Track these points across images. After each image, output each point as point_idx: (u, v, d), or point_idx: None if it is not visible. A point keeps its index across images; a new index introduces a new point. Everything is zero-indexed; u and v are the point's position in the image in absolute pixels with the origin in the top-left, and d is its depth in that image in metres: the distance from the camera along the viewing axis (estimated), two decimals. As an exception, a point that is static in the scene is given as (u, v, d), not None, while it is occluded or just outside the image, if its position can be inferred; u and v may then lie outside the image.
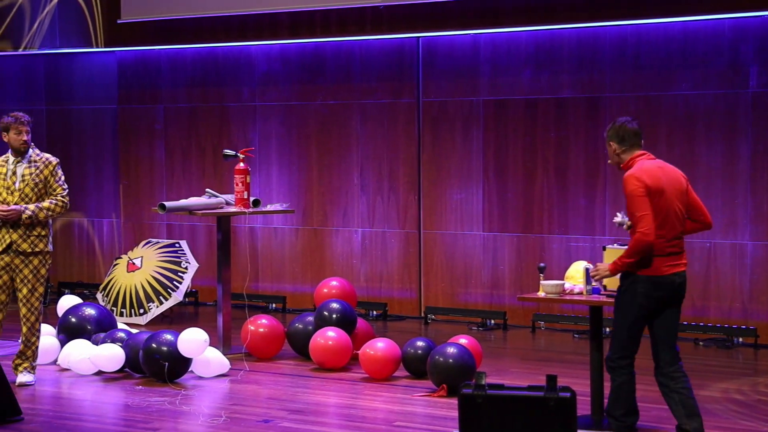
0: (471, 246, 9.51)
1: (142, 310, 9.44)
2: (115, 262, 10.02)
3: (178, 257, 9.75)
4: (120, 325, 8.04)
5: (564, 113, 9.14)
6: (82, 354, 7.35)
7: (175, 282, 9.54)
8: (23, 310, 7.05)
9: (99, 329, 7.79)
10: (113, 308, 9.52)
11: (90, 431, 6.10)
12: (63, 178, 7.15)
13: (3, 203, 7.00)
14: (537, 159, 9.25)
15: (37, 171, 7.05)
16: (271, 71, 10.29)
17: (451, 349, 6.91)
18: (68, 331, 7.80)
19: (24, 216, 6.93)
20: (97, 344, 7.49)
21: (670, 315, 5.48)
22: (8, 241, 6.97)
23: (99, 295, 9.85)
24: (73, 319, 7.86)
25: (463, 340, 7.22)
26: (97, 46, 10.50)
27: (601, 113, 8.97)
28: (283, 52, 10.22)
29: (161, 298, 9.46)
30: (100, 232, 11.22)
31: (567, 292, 6.19)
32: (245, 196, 7.90)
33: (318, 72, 10.08)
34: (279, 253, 10.32)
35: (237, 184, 7.92)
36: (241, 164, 7.90)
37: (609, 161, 5.70)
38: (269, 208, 8.46)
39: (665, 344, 5.46)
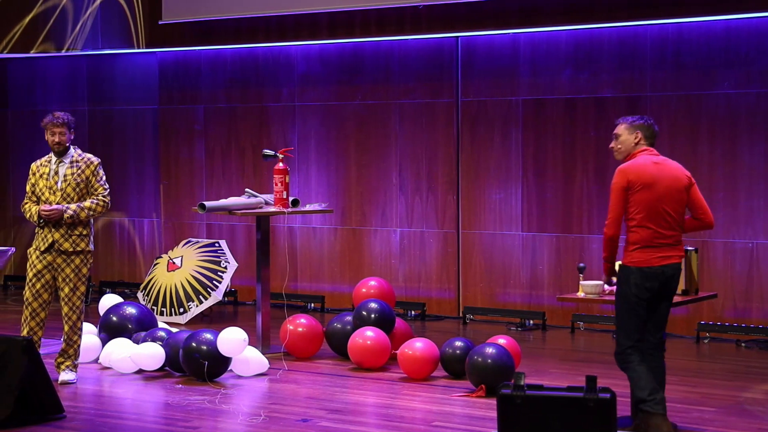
0: (510, 246, 9.48)
1: (182, 309, 9.50)
2: (155, 262, 10.09)
3: (218, 257, 9.80)
4: (160, 324, 8.10)
5: (604, 113, 9.08)
6: (123, 353, 7.41)
7: (214, 281, 9.60)
8: (65, 309, 7.11)
9: (140, 328, 7.85)
10: (153, 307, 9.59)
11: (131, 429, 6.15)
12: (104, 178, 7.19)
13: (45, 203, 7.07)
14: (576, 159, 9.20)
15: (79, 171, 7.10)
16: (310, 71, 10.31)
17: (489, 350, 6.89)
18: (109, 330, 7.87)
19: (66, 216, 6.98)
20: (137, 343, 7.55)
21: (661, 307, 5.74)
22: (50, 240, 7.03)
23: (140, 294, 9.92)
24: (114, 318, 7.93)
25: (501, 341, 7.20)
26: (139, 47, 10.58)
27: (642, 113, 8.90)
28: (322, 52, 10.24)
29: (201, 297, 9.51)
30: (140, 232, 11.31)
31: (606, 292, 6.16)
32: (284, 196, 7.93)
33: (357, 72, 10.09)
34: (318, 252, 10.34)
35: (276, 184, 7.94)
36: (281, 164, 7.93)
37: (619, 146, 5.81)
38: (308, 207, 8.48)
39: (650, 332, 5.73)
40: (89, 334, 7.91)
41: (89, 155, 7.21)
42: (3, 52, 10.64)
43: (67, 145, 7.12)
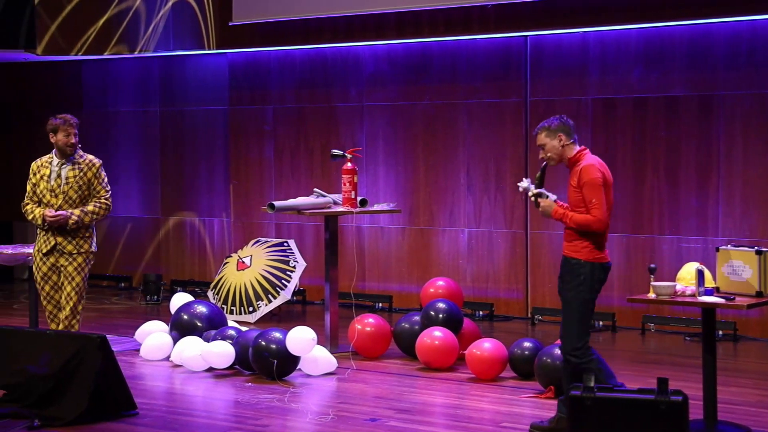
0: (579, 246, 9.38)
1: (251, 308, 9.58)
2: (225, 261, 10.19)
3: (287, 256, 9.87)
4: (230, 323, 8.17)
5: (675, 112, 8.96)
6: (193, 351, 7.50)
7: (283, 281, 9.66)
8: (66, 310, 7.04)
9: (210, 326, 7.93)
10: (223, 306, 9.68)
11: (201, 426, 6.22)
12: (106, 179, 7.12)
13: (47, 206, 7.02)
14: (646, 158, 9.09)
15: (81, 173, 7.04)
16: (378, 71, 10.34)
17: (558, 351, 6.83)
18: (180, 328, 7.96)
19: (70, 222, 6.95)
20: (208, 341, 7.63)
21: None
22: (53, 242, 7.01)
23: (210, 293, 10.03)
24: (185, 317, 8.01)
25: (571, 342, 7.14)
26: (209, 49, 10.70)
27: (714, 112, 8.77)
28: (389, 52, 10.26)
29: (270, 296, 9.58)
30: (211, 231, 11.44)
31: (678, 293, 6.08)
32: (352, 196, 7.96)
33: (424, 72, 10.09)
34: (385, 252, 10.36)
35: (344, 184, 7.97)
36: (349, 164, 7.95)
37: (549, 155, 5.84)
38: (376, 207, 8.50)
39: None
40: (161, 332, 8.02)
41: (91, 156, 7.14)
42: (77, 54, 10.83)
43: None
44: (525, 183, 5.97)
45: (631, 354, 8.28)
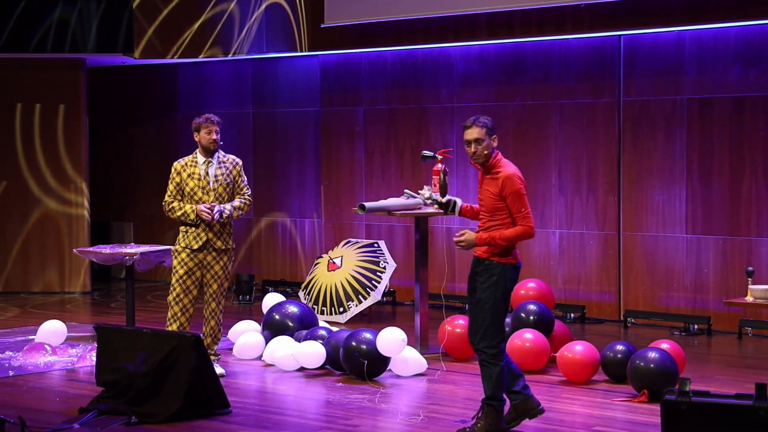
0: (673, 248, 9.24)
1: (341, 309, 9.64)
2: (316, 261, 10.27)
3: (377, 257, 9.90)
4: (321, 323, 8.23)
5: (774, 111, 8.76)
6: (285, 350, 7.57)
7: (373, 281, 9.70)
8: (212, 305, 7.32)
9: (301, 326, 8.00)
10: (314, 306, 9.75)
11: (293, 425, 6.27)
12: (246, 178, 7.45)
13: (198, 203, 7.26)
14: (744, 159, 8.90)
15: (227, 172, 7.33)
16: (469, 72, 10.31)
17: (652, 354, 6.74)
18: (272, 328, 8.05)
19: (224, 216, 7.21)
20: (299, 341, 7.70)
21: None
22: (204, 238, 7.24)
23: (301, 293, 10.12)
24: (277, 317, 8.10)
25: (665, 345, 7.04)
26: (302, 51, 10.80)
27: (815, 111, 8.55)
28: (481, 52, 10.22)
29: (360, 297, 9.63)
30: (302, 232, 11.54)
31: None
32: (443, 197, 7.94)
33: (516, 72, 10.03)
34: (476, 253, 10.31)
35: (435, 185, 7.97)
36: (439, 165, 7.95)
37: (485, 151, 5.86)
38: (467, 208, 8.46)
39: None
40: (253, 331, 8.12)
41: (233, 156, 7.46)
42: (173, 57, 11.03)
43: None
44: (427, 192, 6.02)
45: (728, 358, 8.12)
